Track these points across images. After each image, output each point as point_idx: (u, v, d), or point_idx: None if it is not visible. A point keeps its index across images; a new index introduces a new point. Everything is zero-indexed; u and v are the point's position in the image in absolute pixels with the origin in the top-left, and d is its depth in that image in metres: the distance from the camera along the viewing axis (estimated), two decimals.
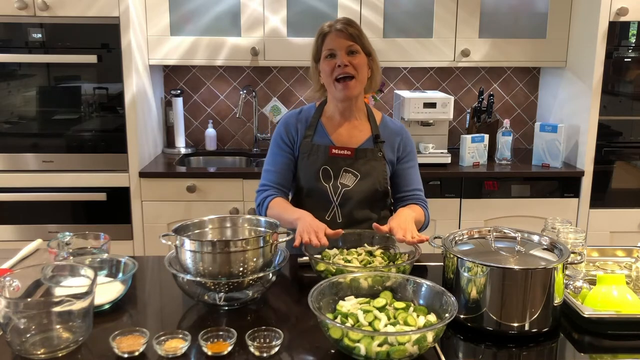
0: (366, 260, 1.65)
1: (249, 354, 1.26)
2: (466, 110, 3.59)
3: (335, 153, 1.93)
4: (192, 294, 1.50)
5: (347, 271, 1.51)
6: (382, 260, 1.67)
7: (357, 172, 1.93)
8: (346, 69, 1.84)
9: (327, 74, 1.87)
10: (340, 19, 1.91)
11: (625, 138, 3.11)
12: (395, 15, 3.18)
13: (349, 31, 1.85)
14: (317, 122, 1.98)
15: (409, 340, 1.18)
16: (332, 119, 1.99)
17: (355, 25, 1.90)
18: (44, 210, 3.00)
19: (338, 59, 1.85)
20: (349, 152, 1.93)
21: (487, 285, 1.34)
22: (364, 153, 1.94)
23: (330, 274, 1.55)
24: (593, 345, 1.37)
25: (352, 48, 1.86)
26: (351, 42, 1.86)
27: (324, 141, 1.96)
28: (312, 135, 1.96)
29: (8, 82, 2.92)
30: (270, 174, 1.99)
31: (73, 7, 2.83)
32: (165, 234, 1.51)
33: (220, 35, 3.16)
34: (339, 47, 1.85)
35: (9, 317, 1.22)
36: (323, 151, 1.93)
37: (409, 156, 2.02)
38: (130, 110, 2.94)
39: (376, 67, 1.94)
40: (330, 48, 1.87)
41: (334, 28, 1.87)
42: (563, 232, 1.66)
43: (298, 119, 2.00)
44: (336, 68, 1.85)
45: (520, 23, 3.24)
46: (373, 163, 1.94)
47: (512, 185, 3.10)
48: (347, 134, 1.97)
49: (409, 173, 2.02)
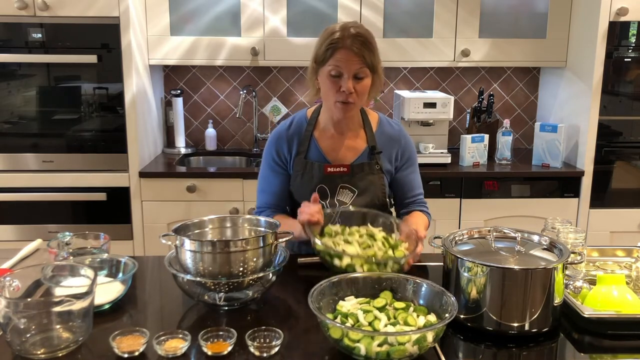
0: (366, 244, 1.62)
1: (249, 354, 1.26)
2: (466, 110, 3.59)
3: (331, 171, 1.85)
4: (192, 294, 1.50)
5: (344, 255, 1.51)
6: (382, 246, 1.62)
7: (354, 187, 1.87)
8: (350, 96, 1.74)
9: (329, 91, 1.77)
10: (354, 33, 1.72)
11: (625, 138, 3.11)
12: (395, 15, 3.18)
13: (359, 52, 1.71)
14: (310, 137, 1.89)
15: (409, 340, 1.18)
16: (325, 131, 1.90)
17: (369, 42, 1.74)
18: (44, 210, 3.00)
19: (344, 84, 1.73)
20: (345, 168, 1.86)
21: (487, 285, 1.34)
22: (361, 168, 1.87)
23: (327, 255, 1.54)
24: (593, 345, 1.37)
25: (360, 73, 1.74)
26: (361, 64, 1.73)
27: (317, 158, 1.88)
28: (306, 152, 1.88)
29: (8, 82, 2.92)
30: (265, 195, 1.93)
31: (73, 7, 2.83)
32: (165, 234, 1.51)
33: (220, 35, 3.16)
34: (347, 70, 1.72)
35: (9, 317, 1.22)
36: (317, 169, 1.85)
37: (409, 162, 1.95)
38: (130, 110, 2.94)
39: (379, 81, 1.83)
40: (337, 66, 1.72)
41: (346, 43, 1.71)
42: (563, 232, 1.66)
43: (288, 135, 1.90)
44: (340, 92, 1.74)
45: (521, 23, 3.24)
46: (370, 177, 1.87)
47: (512, 185, 3.10)
48: (341, 148, 1.89)
49: (411, 179, 1.96)
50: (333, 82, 1.75)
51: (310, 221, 1.64)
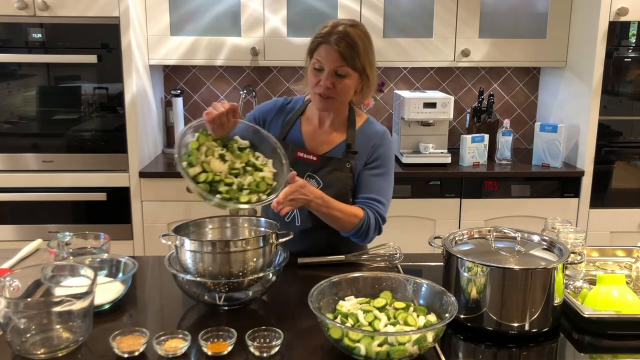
0: (236, 170, 1.62)
1: (249, 354, 1.26)
2: (466, 110, 3.59)
3: (300, 156, 1.84)
4: (192, 294, 1.50)
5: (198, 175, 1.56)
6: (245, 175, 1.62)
7: (320, 179, 1.84)
8: (327, 90, 1.74)
9: (311, 83, 1.78)
10: (341, 31, 1.72)
11: (625, 138, 3.11)
12: (395, 15, 3.18)
13: (340, 50, 1.71)
14: (295, 119, 1.91)
15: (409, 340, 1.18)
16: (310, 119, 1.91)
17: (355, 43, 1.72)
18: (44, 210, 3.00)
19: (322, 78, 1.74)
20: (315, 157, 1.84)
21: (487, 285, 1.34)
22: (330, 162, 1.84)
23: (188, 163, 1.58)
24: (593, 345, 1.37)
25: (340, 71, 1.73)
26: (341, 63, 1.72)
27: (295, 139, 1.88)
28: (287, 133, 1.90)
29: (8, 82, 2.92)
30: None
31: (73, 7, 2.83)
32: (165, 234, 1.51)
33: (220, 35, 3.16)
34: (327, 65, 1.73)
35: (9, 317, 1.22)
36: (290, 152, 1.83)
37: (377, 162, 1.85)
38: (130, 110, 2.94)
39: (368, 82, 1.81)
40: (319, 60, 1.74)
41: (330, 40, 1.72)
42: (563, 232, 1.66)
43: (283, 106, 1.94)
44: (319, 84, 1.75)
45: (520, 23, 3.24)
46: (338, 173, 1.83)
47: (512, 185, 3.10)
48: (319, 138, 1.89)
49: (370, 181, 1.84)
50: (315, 74, 1.77)
51: (210, 118, 1.61)
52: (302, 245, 1.82)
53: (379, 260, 1.81)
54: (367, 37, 1.79)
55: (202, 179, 1.55)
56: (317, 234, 1.85)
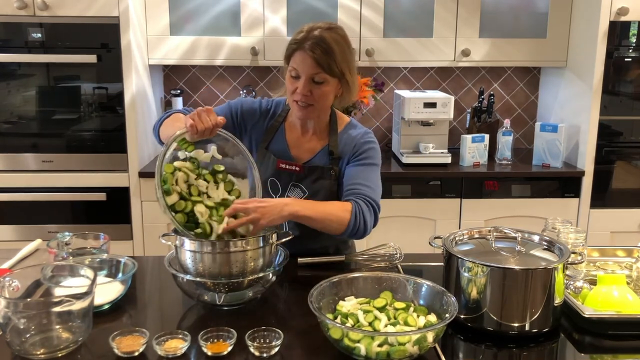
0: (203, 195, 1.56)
1: (249, 354, 1.26)
2: (466, 110, 3.59)
3: (283, 168, 1.80)
4: (192, 294, 1.50)
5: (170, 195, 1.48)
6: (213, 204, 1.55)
7: (305, 188, 1.80)
8: (305, 98, 1.70)
9: (289, 90, 1.73)
10: (317, 36, 1.67)
11: (625, 138, 3.11)
12: (395, 15, 3.18)
13: (316, 56, 1.65)
14: (279, 126, 1.85)
15: (409, 341, 1.18)
16: (294, 126, 1.86)
17: (331, 49, 1.66)
18: (43, 210, 2.99)
19: (299, 86, 1.69)
20: (298, 168, 1.79)
21: (488, 286, 1.34)
22: (314, 170, 1.79)
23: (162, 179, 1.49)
24: (593, 345, 1.37)
25: (317, 78, 1.68)
26: (317, 70, 1.67)
27: (280, 147, 1.83)
28: (270, 140, 1.84)
29: (8, 82, 2.92)
30: None
31: (73, 7, 2.82)
32: (165, 234, 1.51)
33: (220, 35, 3.15)
34: (303, 72, 1.68)
35: (9, 317, 1.22)
36: (272, 163, 1.80)
37: (361, 155, 1.79)
38: (130, 110, 2.94)
39: (348, 87, 1.75)
40: (294, 67, 1.69)
41: (304, 46, 1.66)
42: (563, 232, 1.66)
43: (264, 113, 1.86)
44: (296, 92, 1.70)
45: (521, 23, 3.24)
46: (322, 182, 1.79)
47: (513, 185, 3.10)
48: (302, 146, 1.84)
49: (355, 171, 1.77)
50: (292, 82, 1.72)
51: (194, 131, 1.52)
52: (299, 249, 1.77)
53: (379, 261, 1.81)
54: (345, 40, 1.73)
55: (181, 208, 1.49)
56: (310, 241, 1.80)
